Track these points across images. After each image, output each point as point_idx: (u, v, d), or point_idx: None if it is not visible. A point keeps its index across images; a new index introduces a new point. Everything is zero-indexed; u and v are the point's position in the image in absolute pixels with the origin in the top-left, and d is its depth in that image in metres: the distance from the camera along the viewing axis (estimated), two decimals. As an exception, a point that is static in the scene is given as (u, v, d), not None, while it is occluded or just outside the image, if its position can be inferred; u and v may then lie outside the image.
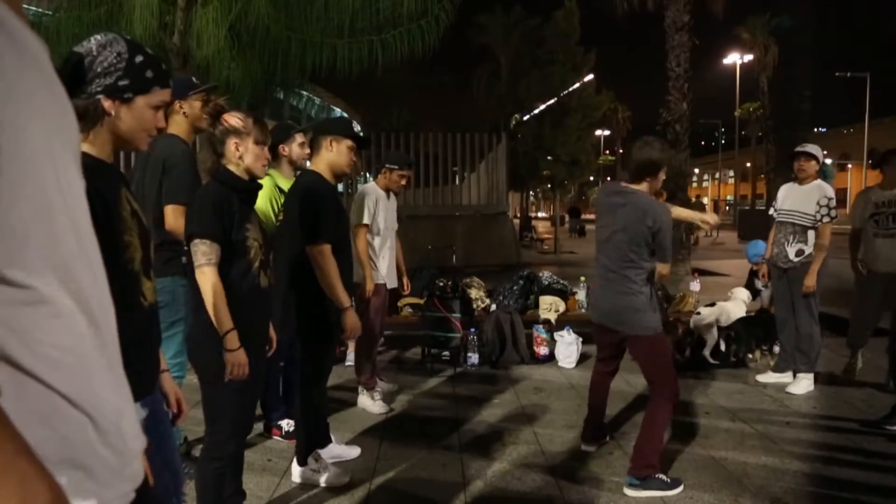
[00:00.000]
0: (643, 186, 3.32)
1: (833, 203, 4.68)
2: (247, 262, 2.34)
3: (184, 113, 3.11)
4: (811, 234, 4.73)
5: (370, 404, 4.41)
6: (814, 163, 4.80)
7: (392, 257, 4.60)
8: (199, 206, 2.34)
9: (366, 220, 4.34)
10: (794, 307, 4.85)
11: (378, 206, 4.42)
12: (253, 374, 2.36)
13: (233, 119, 2.45)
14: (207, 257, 2.26)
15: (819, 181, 4.80)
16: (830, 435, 4.00)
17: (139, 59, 1.55)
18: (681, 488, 3.20)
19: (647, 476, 3.16)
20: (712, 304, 5.67)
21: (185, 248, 2.34)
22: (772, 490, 3.20)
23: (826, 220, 4.68)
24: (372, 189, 4.49)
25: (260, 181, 2.56)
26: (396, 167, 4.49)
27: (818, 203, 4.70)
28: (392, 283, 4.65)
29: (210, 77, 6.59)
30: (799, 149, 4.89)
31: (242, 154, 2.44)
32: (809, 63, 13.76)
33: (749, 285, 6.06)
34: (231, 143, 2.43)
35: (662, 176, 3.39)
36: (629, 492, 3.17)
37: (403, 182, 4.58)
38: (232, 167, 2.45)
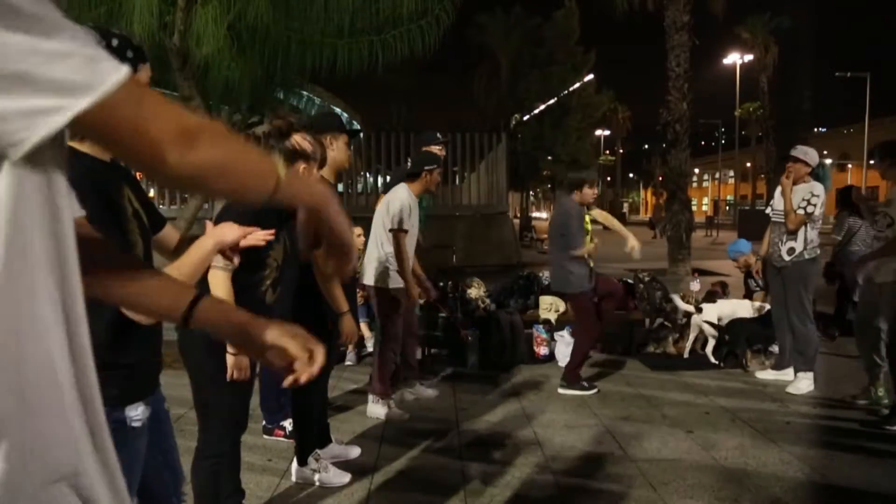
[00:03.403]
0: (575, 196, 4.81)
1: (815, 200, 4.69)
2: (260, 278, 2.33)
3: None
4: (800, 233, 4.76)
5: (380, 412, 4.27)
6: (801, 165, 4.81)
7: (413, 261, 4.48)
8: (235, 217, 2.30)
9: (406, 226, 4.18)
10: (787, 307, 4.87)
11: (412, 212, 4.26)
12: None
13: (305, 143, 2.46)
14: (225, 262, 2.24)
15: (813, 182, 4.81)
16: (830, 435, 4.01)
17: (115, 42, 1.51)
18: (595, 390, 4.78)
19: (573, 381, 4.79)
20: (713, 301, 5.68)
21: None
22: (772, 490, 3.20)
23: (800, 211, 4.73)
24: (406, 195, 4.27)
25: None
26: (434, 166, 4.35)
27: (802, 199, 4.75)
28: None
29: (210, 77, 6.57)
30: (792, 152, 4.94)
31: None
32: (809, 63, 13.78)
33: (745, 287, 6.05)
34: (300, 168, 2.44)
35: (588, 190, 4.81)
36: (562, 391, 4.77)
37: (438, 179, 4.47)
38: None
